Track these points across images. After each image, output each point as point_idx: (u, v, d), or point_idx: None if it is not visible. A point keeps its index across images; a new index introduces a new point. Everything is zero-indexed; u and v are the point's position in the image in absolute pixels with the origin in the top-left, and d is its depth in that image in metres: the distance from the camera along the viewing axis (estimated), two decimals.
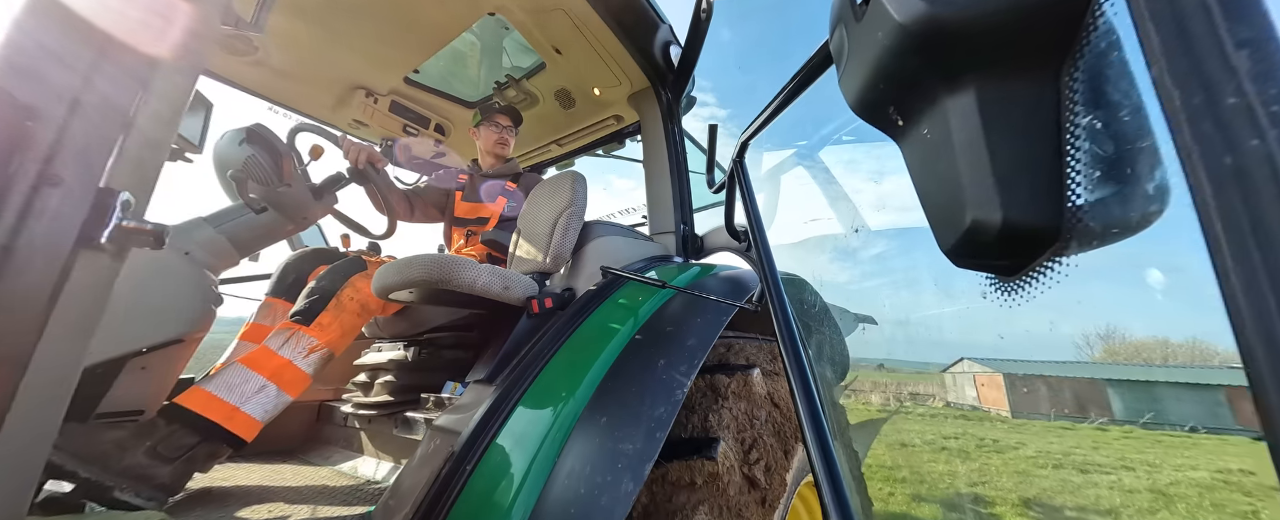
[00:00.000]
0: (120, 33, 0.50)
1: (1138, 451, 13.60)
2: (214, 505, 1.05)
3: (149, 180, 0.55)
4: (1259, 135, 0.14)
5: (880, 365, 25.92)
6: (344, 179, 1.43)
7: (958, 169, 0.28)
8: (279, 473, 1.36)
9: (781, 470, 1.09)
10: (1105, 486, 9.30)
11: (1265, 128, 0.14)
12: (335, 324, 1.21)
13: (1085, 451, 12.92)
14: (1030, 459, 10.61)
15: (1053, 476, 9.54)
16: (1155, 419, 26.82)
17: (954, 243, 0.28)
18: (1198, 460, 12.07)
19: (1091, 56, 0.23)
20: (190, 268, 1.09)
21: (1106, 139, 0.23)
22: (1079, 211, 0.24)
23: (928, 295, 0.52)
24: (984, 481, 8.39)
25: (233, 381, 1.06)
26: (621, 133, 2.15)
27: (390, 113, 2.05)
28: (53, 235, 0.45)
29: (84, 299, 0.48)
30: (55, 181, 0.46)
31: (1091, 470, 10.37)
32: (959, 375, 32.23)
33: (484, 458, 0.84)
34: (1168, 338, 32.45)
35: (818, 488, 0.48)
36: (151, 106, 0.54)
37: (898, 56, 0.29)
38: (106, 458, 0.87)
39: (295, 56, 1.70)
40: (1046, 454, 11.65)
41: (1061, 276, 0.25)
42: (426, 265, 1.04)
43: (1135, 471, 10.62)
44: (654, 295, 1.14)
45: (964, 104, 0.28)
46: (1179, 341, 35.17)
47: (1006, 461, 9.89)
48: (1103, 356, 33.91)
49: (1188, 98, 0.16)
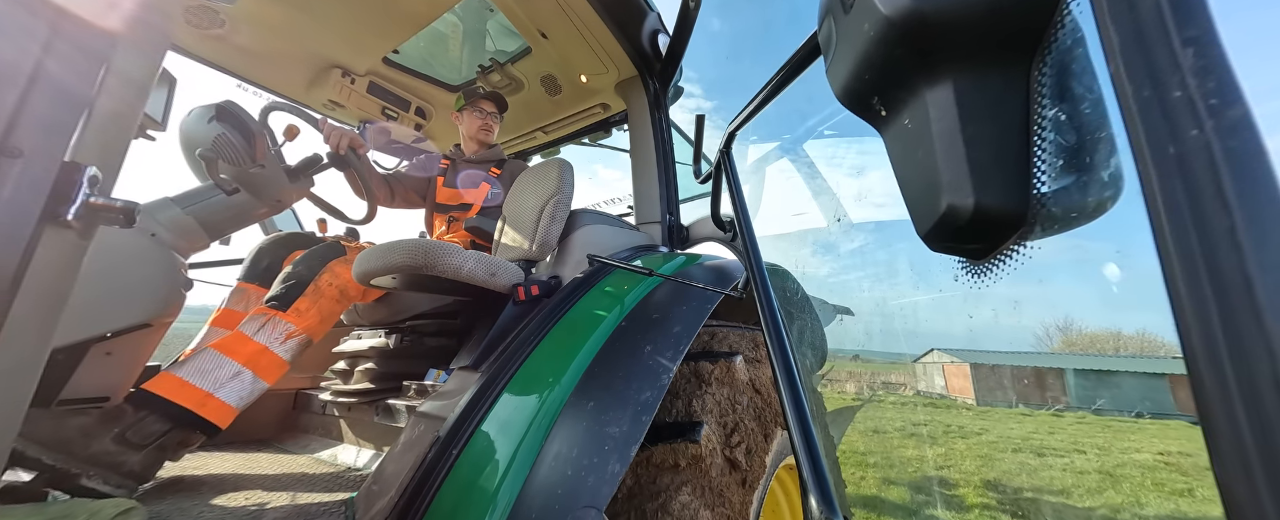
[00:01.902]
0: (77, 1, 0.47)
1: (1089, 436, 14.50)
2: (187, 493, 1.02)
3: (116, 156, 0.52)
4: (1198, 126, 0.16)
5: (855, 356, 26.21)
6: (321, 162, 1.38)
7: (935, 157, 0.30)
8: (255, 461, 1.33)
9: (761, 453, 1.13)
10: (1059, 469, 9.91)
11: (1203, 118, 0.16)
12: (313, 310, 1.18)
13: (1042, 436, 13.70)
14: (992, 444, 11.20)
15: (1012, 460, 10.11)
16: (1106, 405, 28.55)
17: (930, 227, 0.30)
18: (1142, 444, 12.97)
19: (1059, 52, 0.25)
20: (158, 250, 1.05)
21: (1069, 130, 0.25)
22: (1043, 198, 0.26)
23: (902, 283, 0.55)
24: (949, 465, 8.82)
25: (205, 367, 1.02)
26: (608, 121, 2.13)
27: (368, 94, 1.98)
28: (14, 210, 0.43)
29: (50, 278, 0.46)
30: (14, 153, 0.43)
31: (1047, 454, 11.02)
32: (929, 365, 33.61)
33: (470, 442, 0.84)
34: (1120, 330, 34.43)
35: (798, 466, 0.51)
36: (117, 79, 0.51)
37: (882, 48, 0.30)
38: (71, 444, 0.84)
39: (266, 31, 1.62)
40: (1007, 439, 12.32)
41: (1026, 259, 0.27)
42: (411, 250, 1.02)
43: (1086, 454, 11.33)
44: (640, 283, 1.15)
45: (942, 95, 0.29)
46: (1130, 333, 37.36)
47: (970, 446, 10.42)
48: (1061, 347, 35.83)
49: (1139, 91, 0.18)
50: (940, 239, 0.30)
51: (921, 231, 0.31)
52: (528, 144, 2.42)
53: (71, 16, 0.47)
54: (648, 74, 1.74)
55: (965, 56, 0.28)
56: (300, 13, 1.55)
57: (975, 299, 0.34)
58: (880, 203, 0.59)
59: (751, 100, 0.81)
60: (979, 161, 0.27)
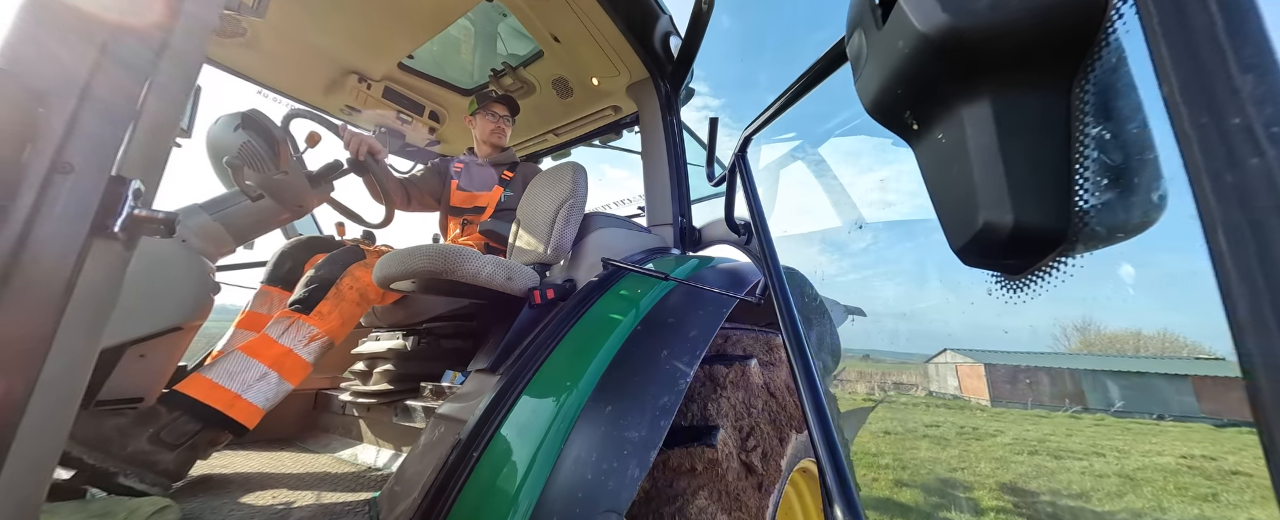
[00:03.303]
0: (127, 18, 0.49)
1: (1108, 438, 14.16)
2: (216, 492, 1.05)
3: (157, 168, 0.54)
4: (1259, 154, 0.16)
5: (866, 356, 26.11)
6: (341, 167, 1.41)
7: (971, 173, 0.30)
8: (278, 460, 1.36)
9: (777, 457, 1.13)
10: (1077, 471, 9.70)
11: (1265, 148, 0.16)
12: (335, 312, 1.21)
13: (1059, 438, 13.43)
14: (1007, 445, 11.00)
15: (1028, 462, 9.92)
16: (1125, 407, 27.87)
17: (965, 242, 0.30)
18: (1163, 446, 12.64)
19: (1102, 71, 0.25)
20: (188, 255, 1.08)
21: (1115, 148, 0.25)
22: (1086, 215, 0.26)
23: (932, 292, 0.55)
24: (964, 467, 8.68)
25: (233, 369, 1.05)
26: (619, 123, 2.14)
27: (383, 99, 2.01)
28: (67, 224, 0.44)
29: (99, 287, 0.48)
30: (66, 169, 0.45)
31: (1064, 456, 10.80)
32: (942, 365, 33.05)
33: (490, 445, 0.86)
34: (1141, 330, 33.58)
35: (821, 475, 0.51)
36: (158, 93, 0.53)
37: (918, 64, 0.30)
38: (110, 444, 0.87)
39: (286, 39, 1.66)
40: (1023, 441, 12.09)
41: (1066, 276, 0.27)
42: (430, 256, 1.04)
43: (1105, 457, 11.08)
44: (655, 287, 1.15)
45: (980, 112, 0.29)
46: (1151, 333, 36.46)
47: (985, 448, 10.24)
48: (1079, 347, 35.09)
49: (1196, 117, 0.18)
50: (976, 255, 0.30)
51: (955, 246, 0.31)
52: (539, 146, 2.44)
53: (121, 35, 0.49)
54: (659, 76, 1.74)
55: (1004, 74, 0.28)
56: (319, 20, 1.58)
57: (1005, 308, 0.34)
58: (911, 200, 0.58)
59: (769, 106, 0.81)
60: (1018, 178, 0.27)
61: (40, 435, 0.45)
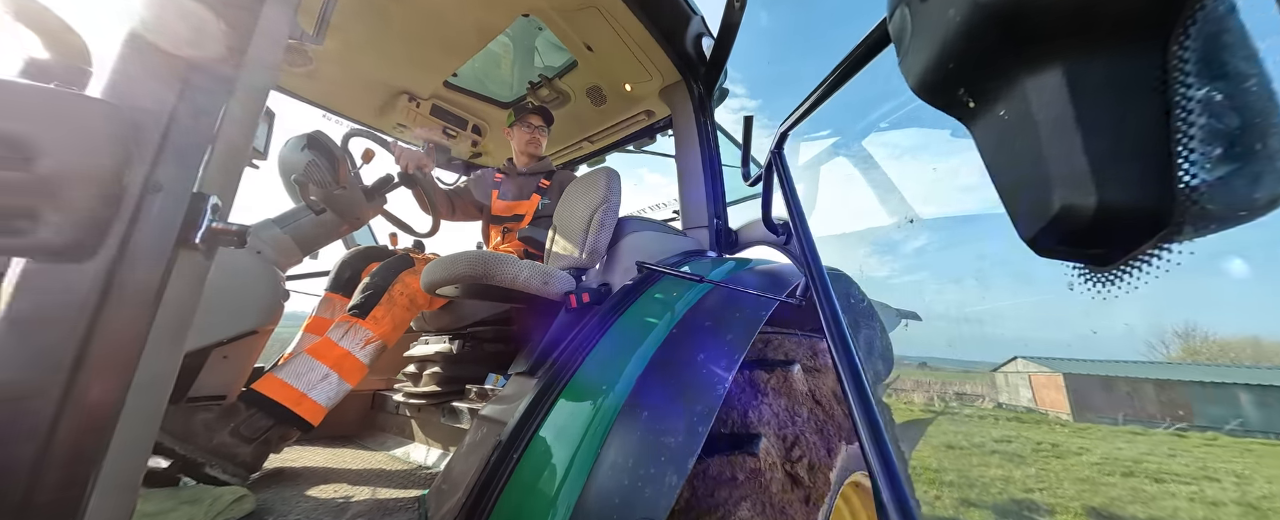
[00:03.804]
0: (207, 49, 0.55)
1: (1223, 460, 12.30)
2: (286, 484, 1.14)
3: (232, 184, 0.60)
4: None
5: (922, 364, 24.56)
6: (393, 182, 1.50)
7: (1042, 150, 0.26)
8: (340, 456, 1.46)
9: (825, 469, 1.06)
10: (1185, 498, 8.47)
11: None
12: (387, 317, 1.28)
13: (1160, 459, 11.81)
14: (1095, 465, 9.83)
15: (1122, 485, 8.80)
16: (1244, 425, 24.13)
17: (1038, 230, 0.26)
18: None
19: (1207, 22, 0.21)
20: (263, 265, 1.19)
21: (1229, 112, 0.21)
22: (1194, 193, 0.22)
23: (999, 290, 0.49)
24: (1043, 487, 7.85)
25: (300, 370, 1.14)
26: (652, 128, 2.14)
27: (431, 115, 2.13)
28: (157, 237, 0.50)
29: (183, 294, 0.54)
30: (157, 188, 0.51)
31: (1168, 479, 9.47)
32: (1012, 375, 30.08)
33: (529, 447, 0.87)
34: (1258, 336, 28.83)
35: (875, 490, 0.47)
36: (233, 116, 0.59)
37: (972, 34, 0.27)
38: (197, 436, 0.96)
39: (345, 66, 1.81)
40: (1114, 460, 10.76)
41: (1171, 264, 0.23)
42: (471, 262, 1.08)
43: (1220, 482, 9.61)
44: (690, 290, 1.13)
45: (1049, 80, 0.26)
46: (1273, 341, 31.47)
47: (1068, 467, 9.21)
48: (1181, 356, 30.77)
49: None
50: (1053, 243, 0.26)
51: (1026, 235, 0.27)
52: (575, 154, 2.49)
53: (200, 68, 0.55)
54: (692, 79, 1.73)
55: (1076, 36, 0.24)
56: (374, 46, 1.71)
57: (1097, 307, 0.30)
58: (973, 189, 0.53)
59: (806, 99, 0.77)
60: (1100, 152, 0.23)
61: (136, 426, 0.50)
